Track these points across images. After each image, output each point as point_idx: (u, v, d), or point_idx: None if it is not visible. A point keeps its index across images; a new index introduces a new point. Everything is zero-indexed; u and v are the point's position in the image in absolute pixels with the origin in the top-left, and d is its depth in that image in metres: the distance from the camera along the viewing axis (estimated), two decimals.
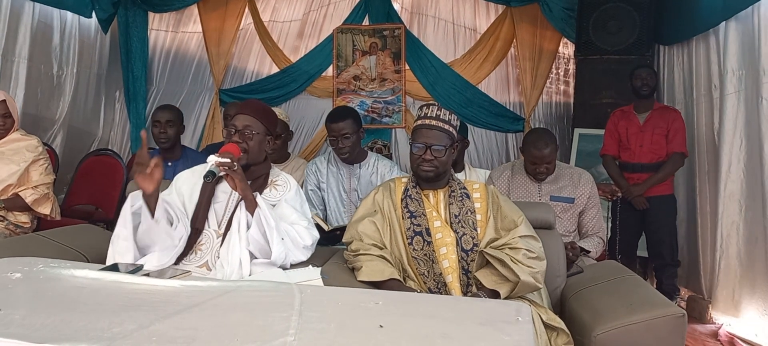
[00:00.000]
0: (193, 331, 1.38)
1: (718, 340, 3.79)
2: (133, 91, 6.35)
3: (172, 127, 3.77)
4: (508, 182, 3.42)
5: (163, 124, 3.75)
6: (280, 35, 6.45)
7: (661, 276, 4.47)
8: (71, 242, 2.61)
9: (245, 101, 2.70)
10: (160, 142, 3.78)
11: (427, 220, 2.43)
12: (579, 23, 5.38)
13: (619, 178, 4.41)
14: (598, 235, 3.33)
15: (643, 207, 4.30)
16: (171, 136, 3.76)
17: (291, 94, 6.37)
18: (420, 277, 2.38)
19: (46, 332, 1.32)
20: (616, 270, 2.74)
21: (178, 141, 3.87)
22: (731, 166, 3.90)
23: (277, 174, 2.61)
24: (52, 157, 4.19)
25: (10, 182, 3.54)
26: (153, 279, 1.79)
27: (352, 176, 3.49)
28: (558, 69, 6.19)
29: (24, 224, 3.60)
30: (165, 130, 3.75)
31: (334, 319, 1.52)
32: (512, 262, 2.22)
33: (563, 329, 2.23)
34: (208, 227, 2.39)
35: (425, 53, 6.21)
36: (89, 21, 5.60)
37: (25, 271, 1.76)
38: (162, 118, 3.76)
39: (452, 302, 1.96)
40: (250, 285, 1.87)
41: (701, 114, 4.43)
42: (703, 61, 4.39)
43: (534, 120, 6.12)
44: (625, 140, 4.44)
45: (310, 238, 2.46)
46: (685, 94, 4.74)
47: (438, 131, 2.42)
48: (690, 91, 4.63)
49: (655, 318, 2.09)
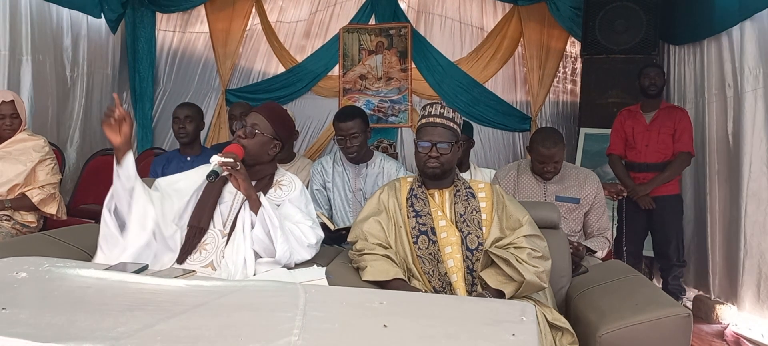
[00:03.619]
0: (198, 330, 1.38)
1: (725, 340, 3.78)
2: (139, 92, 6.37)
3: (191, 122, 3.80)
4: (514, 181, 3.41)
5: (182, 120, 3.80)
6: (287, 35, 6.47)
7: (667, 276, 4.46)
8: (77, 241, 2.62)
9: (265, 103, 2.70)
10: (179, 137, 3.83)
11: (432, 219, 2.43)
12: (585, 22, 5.37)
13: (625, 177, 4.40)
14: (603, 235, 3.32)
15: (648, 207, 4.28)
16: (190, 131, 3.80)
17: (297, 93, 6.38)
18: (425, 276, 2.38)
19: (52, 331, 1.32)
20: (622, 270, 2.73)
21: (197, 137, 3.90)
22: (752, 165, 3.86)
23: (282, 174, 2.61)
24: (59, 158, 4.20)
25: (16, 182, 3.56)
26: (158, 279, 1.79)
27: (358, 176, 3.49)
28: (565, 68, 6.19)
29: (30, 224, 3.62)
30: (184, 126, 3.79)
31: (338, 319, 1.53)
32: (517, 261, 2.21)
33: (568, 328, 2.22)
34: (213, 226, 2.40)
35: (432, 52, 6.21)
36: (100, 22, 5.62)
37: (30, 270, 1.77)
38: (181, 114, 3.81)
39: (457, 301, 1.96)
40: (255, 285, 1.87)
41: (712, 114, 4.40)
42: (716, 61, 4.36)
43: (541, 119, 6.11)
44: (631, 139, 4.43)
45: (315, 237, 2.46)
46: (696, 94, 4.71)
47: (442, 129, 2.42)
48: (701, 91, 4.60)
49: (661, 318, 2.08)
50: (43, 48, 4.77)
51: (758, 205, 3.82)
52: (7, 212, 3.53)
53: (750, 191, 3.87)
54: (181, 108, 3.88)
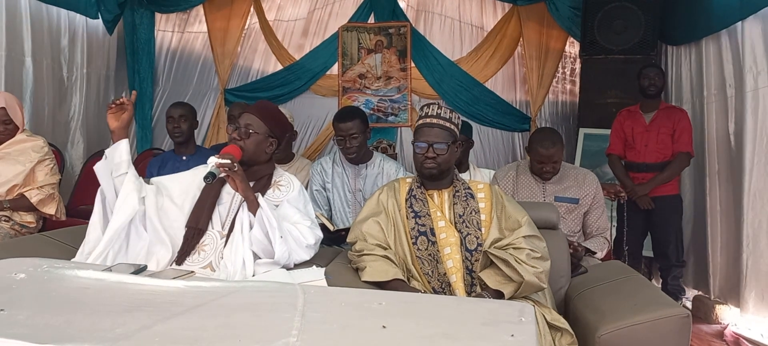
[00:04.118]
0: (197, 332, 1.38)
1: (724, 340, 3.78)
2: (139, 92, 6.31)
3: (185, 121, 3.81)
4: (513, 182, 3.41)
5: (176, 119, 3.80)
6: (285, 34, 6.45)
7: (666, 276, 4.47)
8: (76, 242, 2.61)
9: (256, 102, 2.71)
10: (174, 136, 3.85)
11: (431, 220, 2.43)
12: (584, 23, 5.37)
13: (624, 177, 4.40)
14: (602, 235, 3.33)
15: (647, 207, 4.28)
16: (184, 130, 3.81)
17: (296, 92, 6.36)
18: (424, 277, 2.38)
19: (50, 332, 1.32)
20: (621, 270, 2.73)
21: (191, 136, 3.91)
22: (755, 164, 3.83)
23: (281, 175, 2.61)
24: (58, 158, 4.20)
25: (15, 182, 3.56)
26: (157, 280, 1.79)
27: (358, 177, 3.49)
28: (564, 68, 6.18)
29: (29, 224, 3.62)
30: (179, 125, 3.80)
31: (337, 320, 1.52)
32: (516, 262, 2.21)
33: (567, 329, 2.23)
34: (212, 228, 2.40)
35: (431, 51, 6.20)
36: (97, 22, 5.61)
37: (29, 271, 1.77)
38: (175, 114, 3.82)
39: (456, 302, 1.96)
40: (254, 285, 1.87)
41: (712, 113, 4.39)
42: (715, 60, 4.34)
43: (540, 119, 6.11)
44: (630, 140, 4.42)
45: (313, 237, 2.46)
46: (693, 94, 4.71)
47: (439, 129, 2.42)
48: (699, 91, 4.59)
49: (660, 318, 2.08)
50: (41, 49, 4.76)
51: (762, 204, 3.79)
52: (6, 212, 3.53)
53: (753, 190, 3.84)
54: (174, 107, 3.90)
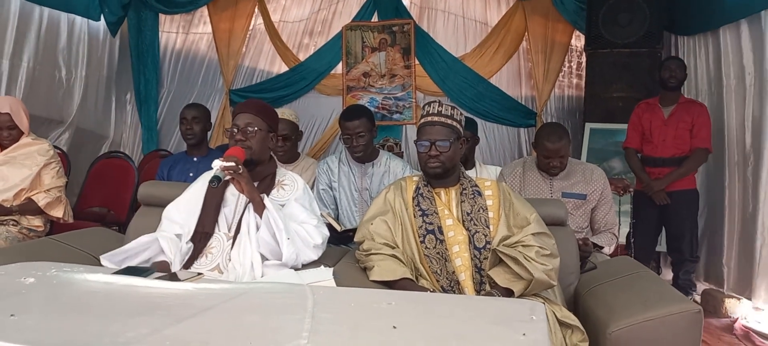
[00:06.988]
0: (207, 335, 1.38)
1: (734, 334, 3.76)
2: (144, 94, 6.38)
3: (198, 123, 3.81)
4: (520, 178, 3.39)
5: (189, 120, 3.80)
6: (290, 34, 6.46)
7: (678, 271, 4.39)
8: (84, 245, 2.62)
9: (245, 101, 2.71)
10: (186, 138, 3.84)
11: (439, 218, 2.42)
12: (589, 16, 5.34)
13: (640, 172, 4.33)
14: (610, 231, 3.31)
15: (663, 202, 4.22)
16: (197, 132, 3.80)
17: (301, 92, 6.37)
18: (433, 275, 2.37)
19: (60, 337, 1.32)
20: (630, 266, 2.72)
21: (204, 138, 3.91)
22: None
23: (284, 174, 2.61)
24: (64, 161, 4.20)
25: (22, 186, 3.56)
26: (166, 282, 1.78)
27: (364, 176, 3.48)
28: (570, 62, 6.15)
29: (37, 228, 3.62)
30: (191, 127, 3.79)
31: (347, 320, 1.52)
32: (525, 260, 2.20)
33: (578, 326, 2.21)
34: (219, 230, 2.40)
35: (435, 48, 6.19)
36: (98, 24, 5.61)
37: (38, 276, 1.77)
38: (188, 115, 3.81)
39: (466, 301, 1.95)
40: (263, 287, 1.87)
41: (731, 104, 4.31)
42: (734, 50, 4.26)
43: (545, 115, 6.09)
44: (648, 133, 4.33)
45: (320, 236, 2.45)
46: (711, 85, 4.61)
47: (441, 126, 2.41)
48: (716, 82, 4.50)
49: (671, 314, 2.07)
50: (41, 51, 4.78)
51: None
52: (14, 216, 3.54)
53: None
54: (188, 109, 3.90)
